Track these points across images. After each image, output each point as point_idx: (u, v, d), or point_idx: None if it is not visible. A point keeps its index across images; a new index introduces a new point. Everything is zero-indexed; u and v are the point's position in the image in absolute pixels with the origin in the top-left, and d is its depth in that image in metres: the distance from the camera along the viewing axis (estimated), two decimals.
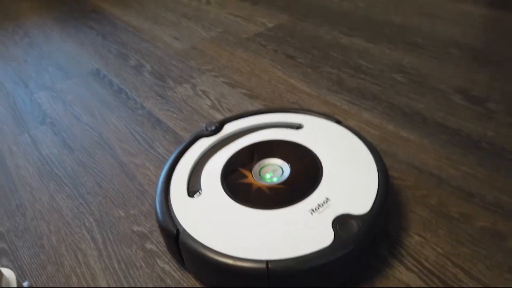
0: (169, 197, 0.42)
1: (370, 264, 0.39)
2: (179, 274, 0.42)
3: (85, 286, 0.42)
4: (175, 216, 0.39)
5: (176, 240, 0.38)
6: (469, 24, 0.77)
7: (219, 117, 0.64)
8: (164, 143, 0.60)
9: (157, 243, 0.45)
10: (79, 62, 0.89)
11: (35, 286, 0.43)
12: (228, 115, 0.64)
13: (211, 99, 0.68)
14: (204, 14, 1.03)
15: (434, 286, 0.36)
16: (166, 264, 0.43)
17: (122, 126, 0.65)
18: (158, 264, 0.43)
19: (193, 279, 0.41)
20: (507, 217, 0.41)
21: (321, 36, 0.82)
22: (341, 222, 0.36)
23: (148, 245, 0.45)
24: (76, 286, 0.42)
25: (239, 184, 0.42)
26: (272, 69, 0.74)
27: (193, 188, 0.43)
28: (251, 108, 0.65)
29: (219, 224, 0.38)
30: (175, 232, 0.38)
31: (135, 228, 0.47)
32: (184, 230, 0.38)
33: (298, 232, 0.36)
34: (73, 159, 0.60)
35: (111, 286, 0.41)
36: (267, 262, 0.34)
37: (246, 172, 0.43)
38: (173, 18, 1.04)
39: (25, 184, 0.57)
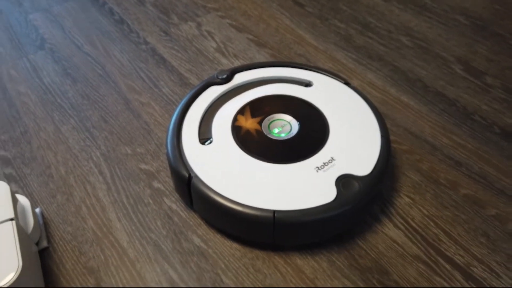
0: (181, 143, 0.43)
1: (363, 219, 0.43)
2: (186, 213, 0.45)
3: (96, 216, 0.45)
4: (187, 161, 0.42)
5: (188, 184, 0.41)
6: None
7: (225, 61, 0.64)
8: (169, 83, 0.61)
9: (163, 183, 0.48)
10: None
11: (46, 213, 0.45)
12: (234, 60, 0.64)
13: (216, 42, 0.68)
14: None
15: (417, 243, 0.41)
16: (173, 203, 0.46)
17: (126, 61, 0.65)
18: (165, 203, 0.46)
19: (199, 219, 0.44)
20: (488, 187, 0.46)
21: None
22: (343, 181, 0.39)
23: (156, 184, 0.48)
24: (86, 215, 0.45)
25: (249, 136, 0.44)
26: (280, 16, 0.73)
27: (204, 135, 0.44)
28: (258, 56, 0.65)
29: (229, 172, 0.41)
30: (187, 176, 0.40)
31: (142, 166, 0.50)
32: (196, 175, 0.40)
33: (303, 187, 0.39)
34: (77, 91, 0.60)
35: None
36: (274, 211, 0.37)
37: (256, 125, 0.45)
38: None
39: (29, 112, 0.57)
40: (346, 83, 0.50)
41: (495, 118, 0.53)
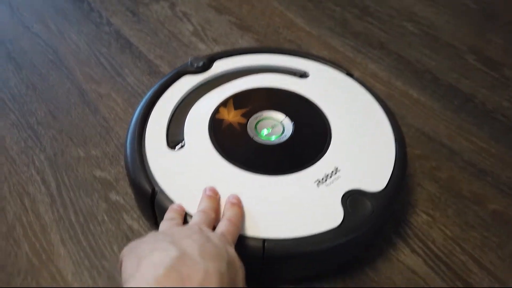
0: (144, 147, 0.34)
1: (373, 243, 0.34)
2: None
3: (33, 238, 0.35)
4: (151, 171, 0.32)
5: (151, 202, 0.31)
6: None
7: (203, 47, 0.54)
8: (135, 71, 0.51)
9: (123, 194, 0.38)
10: None
11: None
12: (213, 46, 0.54)
13: (193, 24, 0.58)
14: None
15: (442, 274, 0.33)
16: (135, 221, 0.36)
17: (84, 44, 0.54)
18: (124, 221, 0.36)
19: None
20: None
21: None
22: (352, 199, 0.30)
23: (113, 196, 0.38)
24: (21, 237, 0.35)
25: (231, 139, 0.35)
26: None
27: (174, 137, 0.35)
28: (241, 41, 0.55)
29: (204, 186, 0.31)
30: (151, 192, 0.31)
31: (98, 173, 0.40)
32: (161, 190, 0.31)
33: (301, 206, 0.30)
34: (20, 79, 0.49)
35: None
36: (263, 240, 0.28)
37: (240, 125, 0.36)
38: None
39: None
40: (349, 74, 0.41)
41: None
